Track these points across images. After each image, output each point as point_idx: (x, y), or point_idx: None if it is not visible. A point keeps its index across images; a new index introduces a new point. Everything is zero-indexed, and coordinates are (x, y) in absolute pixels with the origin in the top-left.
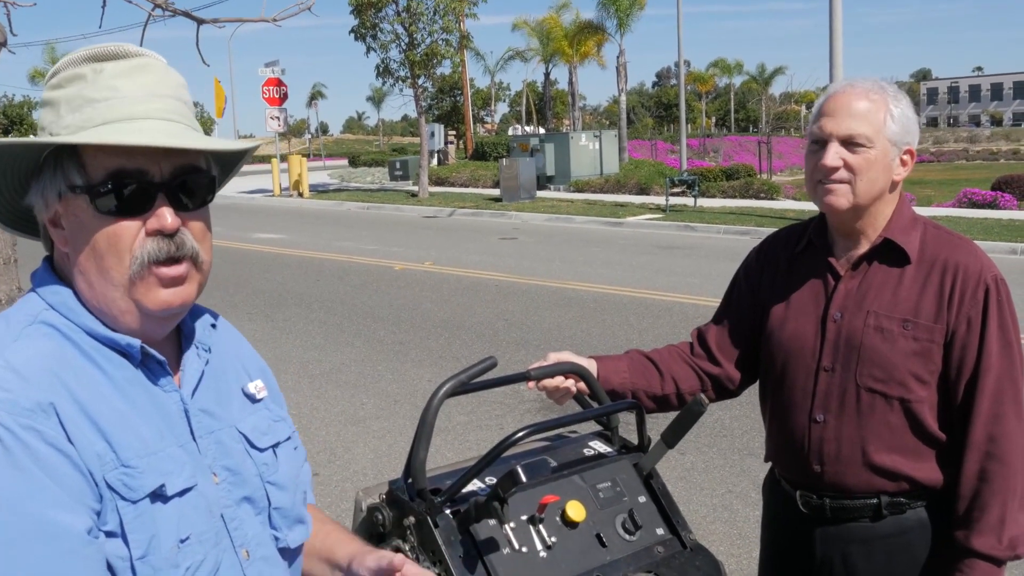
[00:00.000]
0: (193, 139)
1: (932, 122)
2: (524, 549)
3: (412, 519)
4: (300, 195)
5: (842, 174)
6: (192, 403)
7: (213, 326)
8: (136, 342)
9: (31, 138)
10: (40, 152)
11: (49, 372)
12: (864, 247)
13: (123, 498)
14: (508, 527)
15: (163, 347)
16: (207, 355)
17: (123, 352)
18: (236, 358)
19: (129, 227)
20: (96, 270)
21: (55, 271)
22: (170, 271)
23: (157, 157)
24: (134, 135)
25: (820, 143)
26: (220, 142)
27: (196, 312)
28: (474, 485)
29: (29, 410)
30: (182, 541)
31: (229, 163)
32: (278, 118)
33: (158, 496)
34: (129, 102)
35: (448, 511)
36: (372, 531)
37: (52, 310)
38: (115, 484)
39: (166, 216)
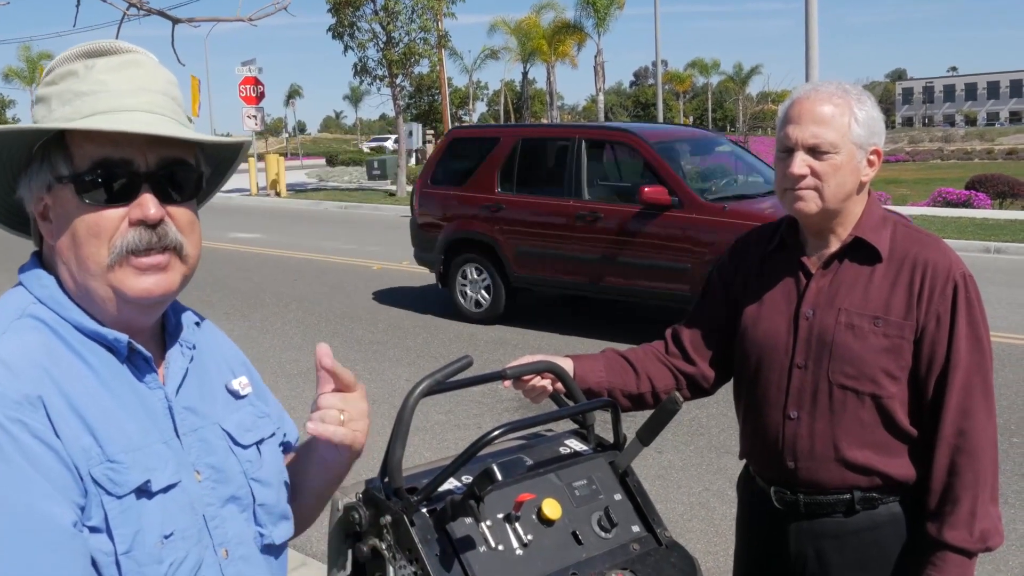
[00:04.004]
0: (176, 129)
1: (907, 122)
2: (500, 547)
3: (388, 518)
4: (277, 194)
5: (809, 181)
6: (176, 400)
7: (197, 324)
8: (124, 337)
9: (17, 125)
10: (31, 145)
11: (37, 366)
12: (835, 246)
13: (108, 493)
14: (484, 525)
15: (148, 344)
16: (191, 352)
17: (109, 347)
18: (220, 356)
19: (112, 216)
20: (75, 259)
21: (43, 266)
22: (147, 259)
23: (143, 148)
24: (116, 123)
25: (787, 151)
26: (203, 135)
27: (180, 310)
28: (450, 484)
29: (16, 402)
30: (166, 537)
31: (222, 163)
32: (255, 117)
33: (143, 492)
34: (117, 95)
35: (424, 510)
36: (348, 530)
37: (40, 304)
38: (100, 479)
39: (149, 206)
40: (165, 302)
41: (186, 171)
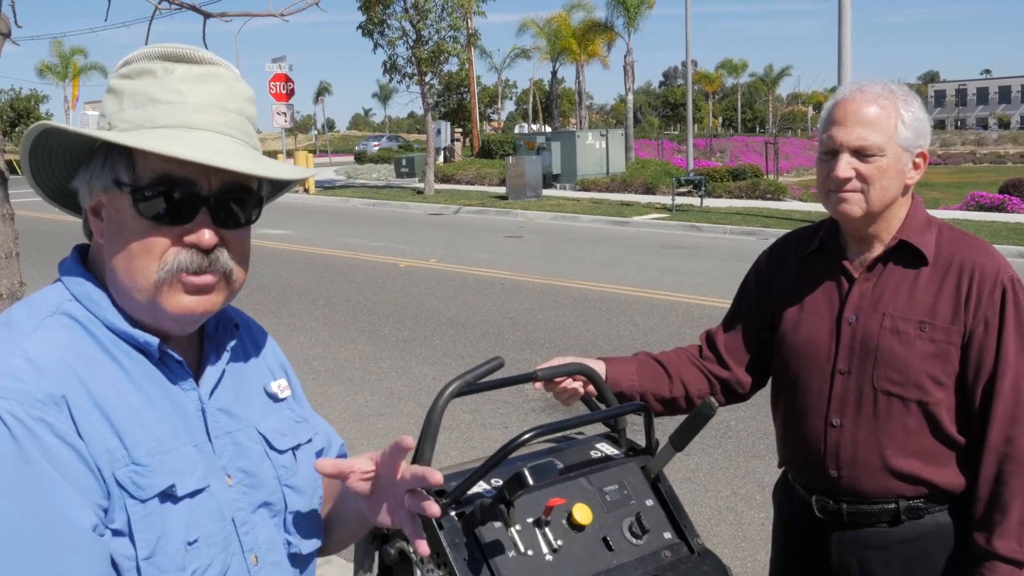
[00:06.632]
0: (242, 161)
1: (939, 124)
2: (530, 552)
3: None
4: (306, 191)
5: (854, 184)
6: (210, 403)
7: (236, 326)
8: (154, 340)
9: (86, 130)
10: (93, 141)
11: (65, 365)
12: (878, 249)
13: (132, 496)
14: (514, 530)
15: (184, 345)
16: (229, 354)
17: (141, 349)
18: (260, 357)
19: (166, 234)
20: (125, 270)
21: (84, 261)
22: (197, 279)
23: (207, 170)
24: (183, 147)
25: (831, 153)
26: (268, 168)
27: (221, 310)
28: (480, 487)
29: (40, 402)
30: (190, 543)
31: (280, 184)
32: (285, 114)
33: (168, 496)
34: (192, 109)
35: (453, 513)
36: (375, 532)
37: (75, 301)
38: (124, 482)
39: (205, 233)
40: (204, 319)
41: (246, 196)
